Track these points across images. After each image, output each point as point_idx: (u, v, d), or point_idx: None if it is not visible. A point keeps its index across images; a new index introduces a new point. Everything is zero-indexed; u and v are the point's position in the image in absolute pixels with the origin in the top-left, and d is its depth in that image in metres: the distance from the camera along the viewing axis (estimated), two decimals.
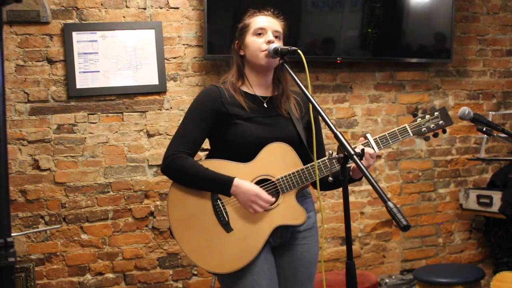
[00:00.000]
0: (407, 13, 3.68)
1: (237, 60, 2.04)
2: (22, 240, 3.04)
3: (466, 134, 3.98)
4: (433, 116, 2.04)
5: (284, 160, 1.96)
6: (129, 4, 3.22)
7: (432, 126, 2.02)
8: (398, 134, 2.00)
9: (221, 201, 1.93)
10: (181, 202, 1.93)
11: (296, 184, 1.94)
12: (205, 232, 1.91)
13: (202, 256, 1.91)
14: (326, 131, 3.60)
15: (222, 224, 1.91)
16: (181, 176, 1.92)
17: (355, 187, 3.67)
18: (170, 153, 1.93)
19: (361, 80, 3.72)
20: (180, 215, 1.93)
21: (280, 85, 2.06)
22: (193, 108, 2.00)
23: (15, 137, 3.04)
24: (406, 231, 1.36)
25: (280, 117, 2.02)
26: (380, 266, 3.75)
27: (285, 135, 1.99)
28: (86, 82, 3.12)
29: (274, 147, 1.95)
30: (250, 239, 1.91)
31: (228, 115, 1.94)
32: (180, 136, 1.97)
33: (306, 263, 2.04)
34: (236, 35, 2.07)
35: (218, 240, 1.91)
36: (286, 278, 2.03)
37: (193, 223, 1.92)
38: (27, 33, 3.06)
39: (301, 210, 1.97)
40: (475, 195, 3.68)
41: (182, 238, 1.92)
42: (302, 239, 2.04)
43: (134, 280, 3.20)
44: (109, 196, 3.18)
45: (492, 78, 4.06)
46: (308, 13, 3.40)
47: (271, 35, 1.97)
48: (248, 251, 1.91)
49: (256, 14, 2.04)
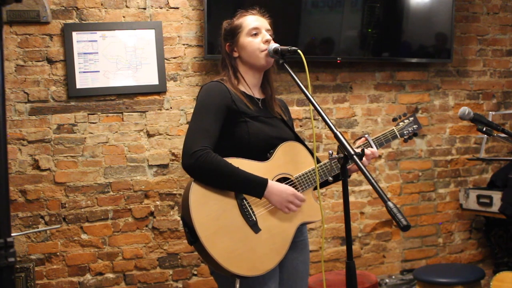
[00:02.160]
0: (407, 13, 3.67)
1: (231, 63, 2.02)
2: (22, 240, 3.04)
3: (466, 134, 3.98)
4: (409, 121, 2.25)
5: (299, 158, 1.99)
6: (129, 4, 3.22)
7: (410, 130, 2.24)
8: (390, 136, 2.18)
9: (246, 200, 1.86)
10: (205, 203, 1.80)
11: (314, 182, 1.97)
12: (233, 234, 1.81)
13: (233, 260, 1.78)
14: (326, 131, 3.61)
15: (250, 224, 1.84)
16: (212, 174, 1.79)
17: (355, 187, 3.68)
18: (196, 148, 1.78)
19: (361, 80, 3.72)
20: (206, 217, 1.79)
21: (269, 87, 2.07)
22: (207, 102, 1.90)
23: (15, 137, 3.04)
24: (406, 231, 1.36)
25: (275, 119, 2.04)
26: (380, 266, 3.75)
27: (287, 135, 2.02)
28: (86, 82, 3.12)
29: (288, 146, 1.97)
30: (278, 239, 1.89)
31: (238, 112, 1.91)
32: (201, 130, 1.84)
33: (306, 258, 2.08)
34: (225, 38, 2.03)
35: (248, 242, 1.82)
36: (289, 274, 2.03)
37: (220, 225, 1.80)
38: (27, 33, 3.06)
39: (317, 206, 1.99)
40: (475, 195, 3.68)
41: (210, 242, 1.76)
42: (301, 235, 2.06)
43: (134, 280, 3.20)
44: (109, 196, 3.18)
45: (492, 78, 4.06)
46: (308, 13, 3.40)
47: (267, 35, 1.98)
48: (277, 250, 1.89)
49: (244, 14, 2.03)
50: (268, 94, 2.07)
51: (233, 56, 2.02)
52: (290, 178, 1.96)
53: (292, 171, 1.97)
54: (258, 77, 2.04)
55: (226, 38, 2.03)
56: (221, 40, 2.06)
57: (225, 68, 2.03)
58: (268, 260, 1.86)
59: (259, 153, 1.93)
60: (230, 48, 2.02)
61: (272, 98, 2.06)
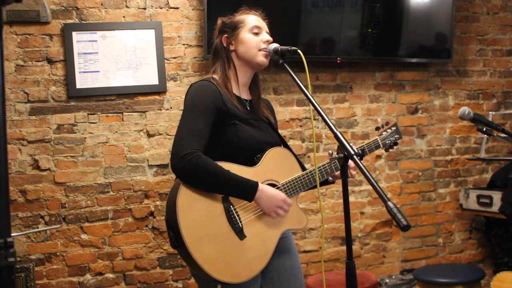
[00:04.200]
0: (407, 13, 3.67)
1: (226, 55, 1.99)
2: (22, 240, 3.04)
3: (466, 134, 3.98)
4: (391, 131, 2.28)
5: (285, 165, 1.98)
6: (129, 4, 3.21)
7: (392, 139, 2.27)
8: (373, 147, 2.22)
9: (233, 206, 1.83)
10: (192, 207, 1.76)
11: (299, 189, 1.97)
12: (219, 240, 1.78)
13: (217, 267, 1.76)
14: (326, 131, 3.60)
15: (235, 231, 1.81)
16: (201, 177, 1.75)
17: (355, 187, 3.68)
18: (186, 151, 1.74)
19: (361, 80, 3.71)
20: (192, 222, 1.75)
21: (256, 88, 2.06)
22: (198, 103, 1.86)
23: (15, 137, 3.04)
24: (406, 231, 1.36)
25: (262, 121, 2.02)
26: (380, 266, 3.75)
27: (273, 139, 2.01)
28: (86, 82, 3.12)
29: (276, 152, 1.96)
30: (262, 245, 1.88)
31: (228, 114, 1.88)
32: (191, 132, 1.79)
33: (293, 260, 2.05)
34: (223, 30, 2.01)
35: (233, 249, 1.80)
36: (279, 279, 2.01)
37: (205, 231, 1.76)
38: (27, 33, 3.06)
39: (302, 213, 2.01)
40: (475, 195, 3.68)
41: (195, 247, 1.73)
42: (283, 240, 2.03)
43: (134, 280, 3.20)
44: (109, 196, 3.17)
45: (492, 78, 4.06)
46: (308, 13, 3.40)
47: (268, 36, 1.98)
48: (261, 257, 1.88)
49: (248, 12, 2.03)
50: (255, 96, 2.05)
51: (229, 49, 1.99)
52: (277, 185, 1.94)
53: (279, 177, 1.95)
54: (249, 76, 2.02)
55: (224, 30, 2.00)
56: (215, 32, 2.03)
57: (216, 62, 2.00)
58: (252, 267, 1.84)
59: (246, 156, 1.91)
60: (227, 40, 1.99)
61: (259, 100, 2.05)
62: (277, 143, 2.01)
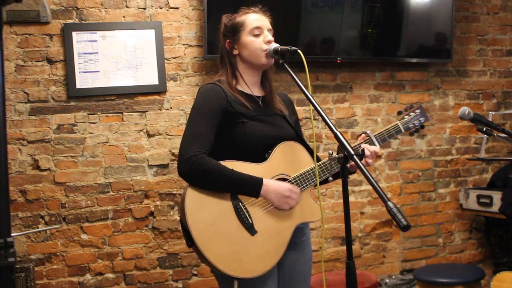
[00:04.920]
0: (407, 13, 3.67)
1: (230, 60, 2.01)
2: (22, 240, 3.04)
3: (466, 134, 3.98)
4: (415, 114, 2.22)
5: (297, 158, 1.98)
6: (129, 4, 3.21)
7: (417, 123, 2.20)
8: (393, 131, 2.15)
9: (242, 203, 1.86)
10: (200, 207, 1.82)
11: (312, 182, 1.96)
12: (230, 237, 1.82)
13: (229, 263, 1.80)
14: (326, 131, 3.61)
15: (246, 227, 1.84)
16: (207, 179, 1.81)
17: (355, 187, 3.68)
18: (190, 154, 1.81)
19: (361, 80, 3.71)
20: (201, 221, 1.80)
21: (268, 84, 2.07)
22: (202, 107, 1.91)
23: (15, 137, 3.04)
24: (406, 231, 1.36)
25: (276, 116, 2.03)
26: (380, 266, 3.75)
27: (286, 133, 2.01)
28: (86, 82, 3.12)
29: (286, 146, 1.97)
30: (275, 240, 1.89)
31: (234, 114, 1.91)
32: (195, 135, 1.86)
33: (307, 259, 2.07)
34: (225, 34, 2.02)
35: (244, 245, 1.83)
36: (291, 275, 2.03)
37: (215, 229, 1.81)
38: (27, 33, 3.06)
39: (316, 206, 2.00)
40: (475, 195, 3.68)
41: (206, 246, 1.78)
42: (302, 235, 2.05)
43: (134, 280, 3.20)
44: (109, 196, 3.17)
45: (492, 78, 4.06)
46: (308, 13, 3.40)
47: (269, 35, 1.98)
48: (274, 252, 1.89)
49: (247, 12, 2.02)
50: (267, 91, 2.06)
51: (232, 53, 2.01)
52: (288, 179, 1.95)
53: (290, 171, 1.96)
54: (257, 75, 2.04)
55: (226, 34, 2.02)
56: (220, 35, 2.05)
57: (224, 66, 2.03)
58: (265, 262, 1.86)
59: (257, 153, 1.92)
60: (230, 45, 2.01)
61: (272, 94, 2.06)
62: (291, 137, 2.00)
